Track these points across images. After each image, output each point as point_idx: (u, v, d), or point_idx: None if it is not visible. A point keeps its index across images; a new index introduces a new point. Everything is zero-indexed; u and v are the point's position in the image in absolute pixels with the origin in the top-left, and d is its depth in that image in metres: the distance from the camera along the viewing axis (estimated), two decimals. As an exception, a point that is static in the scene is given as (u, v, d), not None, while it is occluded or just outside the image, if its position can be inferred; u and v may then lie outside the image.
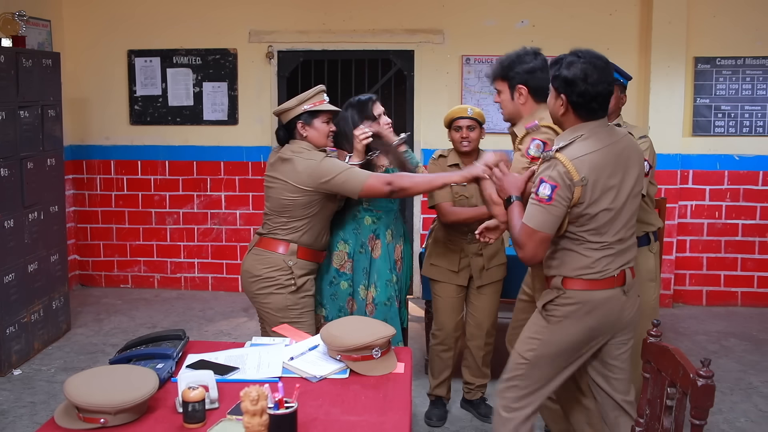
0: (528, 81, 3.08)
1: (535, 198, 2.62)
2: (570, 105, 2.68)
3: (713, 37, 6.18)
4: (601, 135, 2.68)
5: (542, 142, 2.92)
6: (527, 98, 3.10)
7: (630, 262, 2.77)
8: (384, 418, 2.15)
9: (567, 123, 2.74)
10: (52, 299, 5.25)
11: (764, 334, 5.63)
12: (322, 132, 3.39)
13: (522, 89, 3.09)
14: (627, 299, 2.76)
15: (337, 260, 3.60)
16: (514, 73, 3.10)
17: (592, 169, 2.60)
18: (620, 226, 2.70)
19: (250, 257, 3.45)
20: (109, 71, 6.64)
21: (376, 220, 3.62)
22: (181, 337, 2.65)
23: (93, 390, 2.08)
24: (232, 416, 2.09)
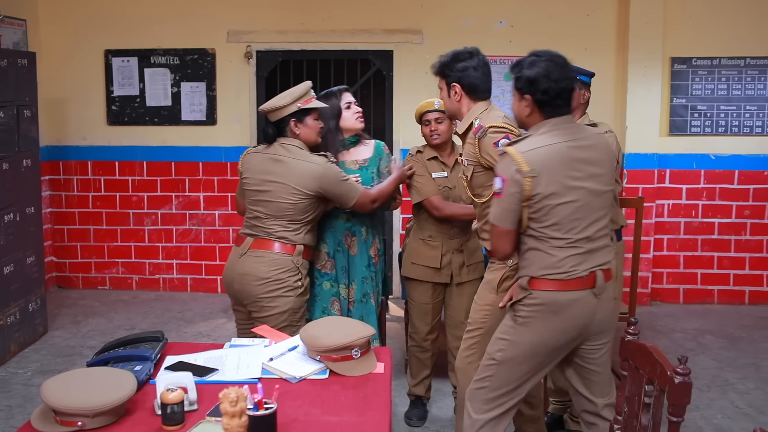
0: (461, 79, 3.13)
1: (493, 194, 2.74)
2: (535, 104, 2.73)
3: (689, 37, 6.24)
4: (563, 131, 2.71)
5: (508, 138, 2.92)
6: (461, 95, 3.15)
7: (605, 264, 2.76)
8: (364, 418, 2.15)
9: (532, 123, 2.78)
10: (29, 301, 5.20)
11: (740, 332, 5.69)
12: (314, 129, 3.42)
13: (456, 87, 3.15)
14: (599, 302, 2.74)
15: (318, 261, 3.59)
16: (449, 71, 3.17)
17: (544, 162, 2.64)
18: (587, 224, 2.70)
19: (249, 260, 3.36)
20: (85, 71, 6.58)
21: (350, 217, 3.62)
22: (160, 338, 2.64)
23: (70, 393, 2.06)
24: (212, 418, 2.09)
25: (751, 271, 6.43)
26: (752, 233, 6.39)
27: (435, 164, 3.92)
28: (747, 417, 4.16)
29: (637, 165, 6.22)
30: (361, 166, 3.67)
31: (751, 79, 6.23)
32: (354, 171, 3.62)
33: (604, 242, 2.77)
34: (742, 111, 6.27)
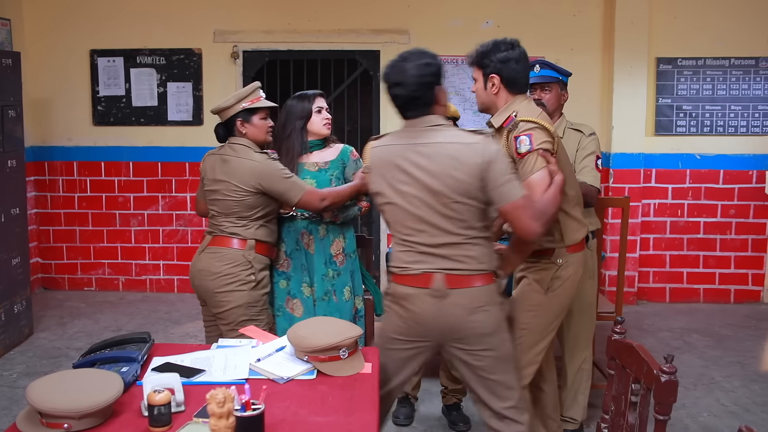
0: (501, 70, 2.98)
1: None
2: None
3: (675, 38, 6.28)
4: (409, 133, 2.74)
5: (526, 136, 2.86)
6: (500, 88, 3.00)
7: (448, 270, 2.68)
8: (352, 418, 2.15)
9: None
10: (14, 303, 5.16)
11: (726, 330, 5.73)
12: (261, 128, 3.48)
13: (495, 78, 2.99)
14: (443, 305, 2.68)
15: (277, 259, 3.62)
16: (488, 61, 2.99)
17: (377, 160, 2.76)
18: (420, 229, 2.68)
19: (205, 257, 3.47)
20: (71, 71, 6.55)
21: (308, 216, 3.61)
22: (147, 339, 2.62)
23: (56, 395, 2.05)
24: (199, 419, 2.08)
25: (737, 270, 6.48)
26: (737, 232, 6.44)
27: None
28: (733, 415, 4.19)
29: (623, 165, 6.26)
30: (320, 168, 3.64)
31: (736, 79, 6.28)
32: (311, 172, 3.61)
33: (450, 251, 2.68)
34: (727, 111, 6.31)
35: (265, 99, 3.50)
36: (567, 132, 3.74)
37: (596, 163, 3.68)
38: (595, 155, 3.68)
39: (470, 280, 2.70)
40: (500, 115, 3.01)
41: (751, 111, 6.30)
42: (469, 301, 2.69)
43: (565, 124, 3.79)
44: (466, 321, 2.70)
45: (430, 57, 2.75)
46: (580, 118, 4.05)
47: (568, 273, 3.09)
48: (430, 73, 2.73)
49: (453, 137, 2.70)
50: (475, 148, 2.64)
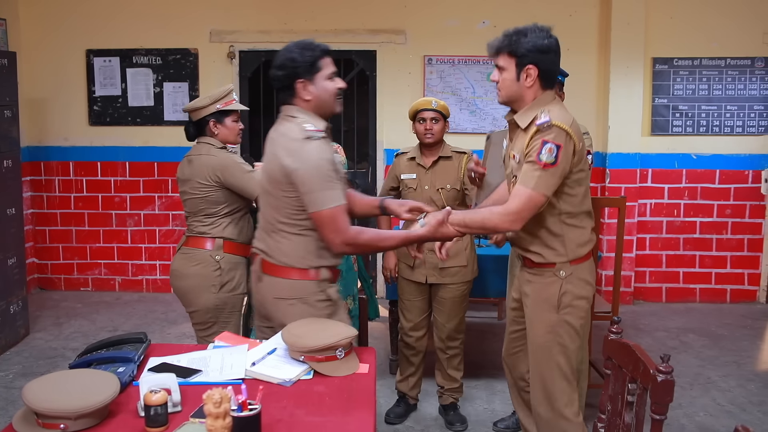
0: (540, 62, 2.74)
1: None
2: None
3: (671, 38, 6.29)
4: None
5: (555, 146, 2.66)
6: (535, 81, 2.76)
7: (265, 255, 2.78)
8: (348, 418, 2.15)
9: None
10: (10, 303, 5.15)
11: (722, 330, 5.74)
12: (233, 130, 3.56)
13: (532, 70, 2.74)
14: (259, 287, 2.82)
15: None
16: (525, 50, 2.73)
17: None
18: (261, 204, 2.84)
19: (178, 257, 3.53)
20: (67, 71, 6.54)
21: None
22: (143, 340, 2.62)
23: (52, 395, 2.05)
24: (195, 419, 2.07)
25: (733, 270, 6.49)
26: (733, 232, 6.45)
27: (410, 165, 3.97)
28: (729, 414, 4.20)
29: (619, 165, 6.26)
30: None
31: (732, 79, 6.29)
32: None
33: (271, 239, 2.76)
34: (723, 111, 6.33)
35: (238, 102, 3.57)
36: None
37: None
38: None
39: (278, 269, 2.75)
40: (527, 113, 2.79)
41: (746, 111, 6.32)
42: (275, 290, 2.77)
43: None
44: (273, 308, 2.79)
45: (299, 51, 2.72)
46: (577, 118, 4.02)
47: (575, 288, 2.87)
48: (291, 66, 2.72)
49: (285, 131, 2.71)
50: (290, 149, 2.64)
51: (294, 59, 2.71)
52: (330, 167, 2.64)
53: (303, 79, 2.72)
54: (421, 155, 3.94)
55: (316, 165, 2.61)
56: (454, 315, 3.97)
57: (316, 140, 2.65)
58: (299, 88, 2.73)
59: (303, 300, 2.74)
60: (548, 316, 2.88)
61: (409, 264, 3.95)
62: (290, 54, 2.73)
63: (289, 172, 2.62)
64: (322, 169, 2.61)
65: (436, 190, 3.86)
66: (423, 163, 3.92)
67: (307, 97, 2.75)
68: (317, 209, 2.61)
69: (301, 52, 2.72)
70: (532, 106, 2.79)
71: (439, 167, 3.90)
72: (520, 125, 2.81)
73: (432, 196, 3.86)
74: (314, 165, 2.61)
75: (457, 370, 4.08)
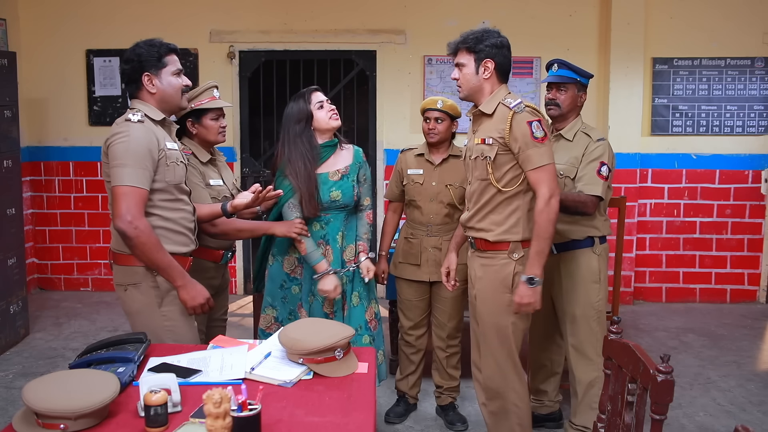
0: (496, 56, 3.04)
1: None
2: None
3: (670, 38, 6.29)
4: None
5: (538, 121, 2.99)
6: (492, 74, 3.07)
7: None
8: (348, 418, 2.15)
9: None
10: (10, 303, 5.15)
11: (722, 330, 5.74)
12: (211, 129, 3.44)
13: (489, 63, 3.04)
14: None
15: (288, 265, 3.55)
16: (482, 46, 3.04)
17: None
18: None
19: None
20: (67, 71, 6.54)
21: (324, 225, 3.51)
22: (143, 340, 2.62)
23: (52, 395, 2.05)
24: (195, 419, 2.07)
25: (733, 270, 6.49)
26: (733, 232, 6.45)
27: (418, 160, 3.96)
28: (729, 414, 4.20)
29: (619, 165, 6.25)
30: (342, 175, 3.52)
31: (732, 79, 6.29)
32: (336, 183, 3.49)
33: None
34: (723, 111, 6.33)
35: (220, 99, 3.49)
36: (578, 135, 3.64)
37: (599, 169, 3.52)
38: (599, 161, 3.52)
39: (114, 256, 2.94)
40: (490, 103, 3.09)
41: (746, 111, 6.32)
42: (114, 277, 2.97)
43: (579, 126, 3.67)
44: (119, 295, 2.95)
45: (146, 47, 2.88)
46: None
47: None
48: (137, 60, 2.88)
49: (118, 119, 2.87)
50: (112, 130, 2.81)
51: (140, 54, 2.88)
52: (141, 149, 2.74)
53: (148, 72, 2.88)
54: (429, 152, 3.94)
55: (127, 142, 2.74)
56: (455, 313, 3.98)
57: (134, 123, 2.79)
58: (145, 81, 2.89)
59: (133, 286, 2.86)
60: (502, 296, 3.11)
61: (414, 263, 3.94)
62: (137, 49, 2.90)
63: (106, 149, 2.79)
64: (131, 147, 2.73)
65: (444, 187, 3.85)
66: (431, 160, 3.92)
67: (152, 90, 2.90)
68: (115, 183, 2.72)
69: (148, 48, 2.90)
70: (492, 97, 3.09)
71: (449, 165, 3.89)
72: (486, 111, 3.10)
73: (440, 192, 3.85)
74: (125, 141, 2.74)
75: (456, 369, 4.09)
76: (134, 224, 2.69)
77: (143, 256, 2.76)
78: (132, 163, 2.71)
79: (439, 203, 3.86)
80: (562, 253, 3.62)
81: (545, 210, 2.97)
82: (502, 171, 3.06)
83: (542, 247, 2.99)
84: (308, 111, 3.47)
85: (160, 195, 2.83)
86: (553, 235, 3.05)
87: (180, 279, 2.84)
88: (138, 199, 2.72)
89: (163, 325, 2.86)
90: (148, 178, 2.76)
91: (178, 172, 2.91)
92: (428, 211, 3.88)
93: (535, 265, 3.00)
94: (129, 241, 2.72)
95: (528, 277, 3.01)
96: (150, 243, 2.74)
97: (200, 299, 2.89)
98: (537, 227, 2.99)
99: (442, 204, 3.85)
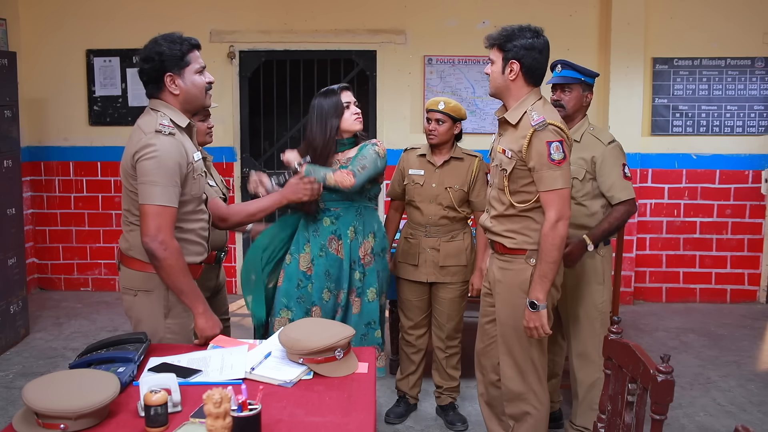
0: (523, 58, 2.92)
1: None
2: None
3: (671, 38, 6.29)
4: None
5: (559, 143, 2.89)
6: (518, 76, 2.95)
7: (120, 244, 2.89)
8: (348, 418, 2.15)
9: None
10: (10, 303, 5.15)
11: (722, 330, 5.74)
12: (199, 130, 3.37)
13: (515, 65, 2.94)
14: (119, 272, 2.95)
15: (304, 263, 3.51)
16: (512, 45, 2.93)
17: None
18: None
19: None
20: (67, 71, 6.54)
21: (334, 220, 3.49)
22: (143, 340, 2.62)
23: (52, 395, 2.05)
24: (195, 419, 2.07)
25: (733, 270, 6.49)
26: (733, 232, 6.45)
27: (419, 161, 3.96)
28: (729, 414, 4.20)
29: (619, 165, 6.26)
30: (341, 165, 3.49)
31: (732, 79, 6.29)
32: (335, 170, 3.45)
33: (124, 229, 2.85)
34: (723, 111, 6.33)
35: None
36: (585, 136, 3.61)
37: (624, 172, 3.54)
38: (621, 164, 3.54)
39: (125, 259, 2.84)
40: (516, 110, 2.99)
41: (747, 111, 6.32)
42: (121, 279, 2.89)
43: (586, 128, 3.65)
44: (123, 298, 2.88)
45: (167, 44, 2.71)
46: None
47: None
48: (159, 59, 2.71)
49: (142, 124, 2.73)
50: (139, 138, 2.68)
51: (162, 52, 2.71)
52: (172, 165, 2.65)
53: (171, 72, 2.73)
54: (431, 153, 3.94)
55: (158, 158, 2.63)
56: (454, 314, 3.98)
57: (165, 135, 2.67)
58: (168, 82, 2.74)
59: (143, 292, 2.80)
60: (520, 300, 3.06)
61: (412, 263, 3.94)
62: (158, 47, 2.72)
63: (135, 162, 2.66)
64: (162, 164, 2.63)
65: (444, 189, 3.85)
66: (433, 161, 3.92)
67: (176, 92, 2.76)
68: (145, 201, 2.64)
69: (170, 46, 2.72)
70: (519, 104, 2.98)
71: (450, 167, 3.89)
72: (511, 122, 3.00)
73: (439, 194, 3.86)
74: (156, 157, 2.63)
75: (456, 369, 4.09)
76: (165, 245, 2.62)
77: (168, 279, 2.69)
78: (163, 182, 2.62)
79: (438, 205, 3.86)
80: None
81: (550, 234, 2.91)
82: (518, 184, 3.01)
83: (545, 271, 2.94)
84: (342, 106, 3.46)
85: (183, 207, 2.75)
86: (559, 260, 2.97)
87: (201, 306, 2.78)
88: (169, 219, 2.65)
89: (165, 337, 2.82)
90: (178, 195, 2.68)
91: (201, 183, 2.86)
92: (427, 212, 3.88)
93: (537, 289, 2.96)
94: (157, 261, 2.65)
95: (530, 302, 2.97)
96: (178, 266, 2.67)
97: (216, 330, 2.83)
98: (541, 251, 2.94)
99: (441, 206, 3.85)
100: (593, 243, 3.48)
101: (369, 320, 3.53)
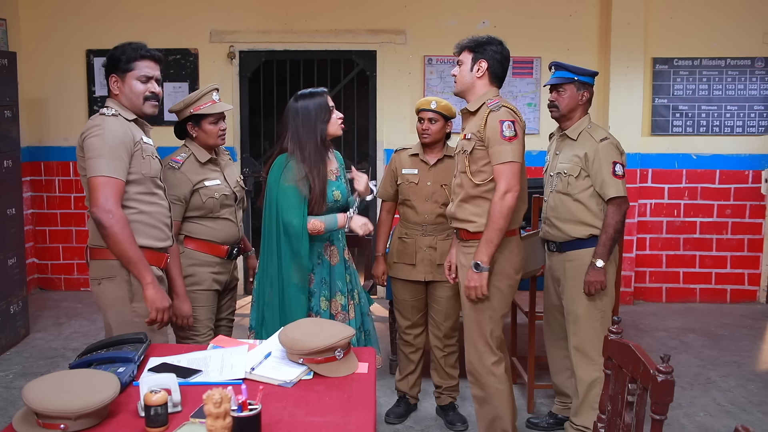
0: (491, 59, 3.26)
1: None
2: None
3: (671, 38, 6.30)
4: None
5: (511, 122, 3.16)
6: (484, 74, 3.28)
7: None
8: (348, 418, 2.15)
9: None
10: (10, 303, 5.15)
11: (722, 330, 5.74)
12: (211, 133, 3.44)
13: (483, 63, 3.26)
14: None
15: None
16: (483, 49, 3.26)
17: None
18: None
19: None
20: (67, 71, 6.54)
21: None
22: (143, 340, 2.62)
23: (52, 395, 2.05)
24: (195, 419, 2.07)
25: (733, 270, 6.49)
26: (733, 232, 6.45)
27: (412, 160, 3.97)
28: (729, 414, 4.20)
29: (619, 165, 6.26)
30: (337, 176, 3.42)
31: (732, 79, 6.29)
32: (334, 183, 3.37)
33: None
34: (723, 111, 6.33)
35: (220, 102, 3.45)
36: (583, 134, 3.63)
37: (614, 170, 3.52)
38: (612, 161, 3.52)
39: (90, 252, 3.00)
40: (476, 102, 3.29)
41: (747, 111, 6.32)
42: (89, 273, 3.04)
43: (585, 126, 3.66)
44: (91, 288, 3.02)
45: (122, 48, 2.92)
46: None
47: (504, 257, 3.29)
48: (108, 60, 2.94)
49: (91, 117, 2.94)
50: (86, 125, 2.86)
51: (112, 55, 2.93)
52: (116, 141, 2.79)
53: (114, 74, 2.93)
54: (423, 152, 3.95)
55: (102, 135, 2.78)
56: (451, 313, 3.98)
57: (108, 116, 2.85)
58: (111, 82, 2.94)
59: (105, 280, 2.94)
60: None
61: (409, 263, 3.95)
62: (113, 50, 2.94)
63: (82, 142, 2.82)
64: (106, 139, 2.77)
65: (440, 187, 3.86)
66: (426, 160, 3.93)
67: (115, 92, 2.96)
68: (92, 174, 2.76)
69: (122, 50, 2.93)
70: (480, 97, 3.29)
71: (444, 165, 3.90)
72: (471, 110, 3.31)
73: (435, 192, 3.87)
74: (100, 134, 2.78)
75: (454, 368, 4.09)
76: (111, 213, 2.74)
77: (115, 247, 2.79)
78: (108, 154, 2.75)
79: (434, 203, 3.87)
80: (568, 252, 3.63)
81: (499, 203, 3.15)
82: (478, 165, 3.25)
83: (491, 236, 3.18)
84: (330, 110, 3.33)
85: (135, 187, 2.87)
86: (505, 228, 3.20)
87: (148, 276, 2.87)
88: (115, 190, 2.77)
89: (132, 321, 2.91)
90: (124, 170, 2.80)
91: (153, 165, 2.95)
92: (423, 210, 3.89)
93: (483, 252, 3.19)
94: (104, 230, 2.76)
95: (474, 263, 3.20)
96: (123, 234, 2.78)
97: (166, 303, 2.91)
98: (489, 218, 3.17)
99: (437, 204, 3.87)
100: (602, 259, 3.51)
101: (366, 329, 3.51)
